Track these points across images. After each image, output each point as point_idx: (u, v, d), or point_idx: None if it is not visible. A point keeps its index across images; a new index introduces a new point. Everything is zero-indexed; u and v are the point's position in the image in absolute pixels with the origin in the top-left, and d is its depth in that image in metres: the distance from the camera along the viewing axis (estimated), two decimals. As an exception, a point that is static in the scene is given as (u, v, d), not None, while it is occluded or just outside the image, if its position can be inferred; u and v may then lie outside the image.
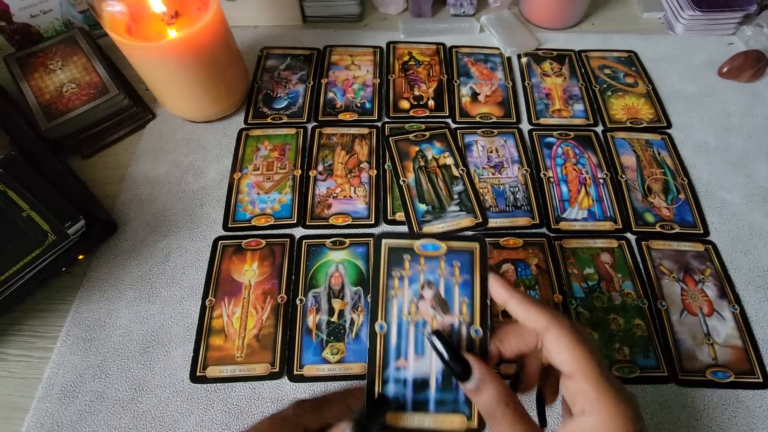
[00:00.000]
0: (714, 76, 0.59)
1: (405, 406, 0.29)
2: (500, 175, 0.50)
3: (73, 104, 0.49)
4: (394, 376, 0.29)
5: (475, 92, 0.57)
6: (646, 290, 0.43)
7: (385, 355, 0.30)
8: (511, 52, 0.61)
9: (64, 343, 0.40)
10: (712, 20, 0.62)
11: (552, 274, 0.43)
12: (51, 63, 0.53)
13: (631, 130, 0.54)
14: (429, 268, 0.31)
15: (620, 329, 0.41)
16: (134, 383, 0.38)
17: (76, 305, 0.42)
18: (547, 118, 0.55)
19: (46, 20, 0.57)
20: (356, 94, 0.56)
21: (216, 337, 0.40)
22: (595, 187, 0.49)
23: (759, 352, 0.40)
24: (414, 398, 0.29)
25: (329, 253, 0.44)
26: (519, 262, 0.44)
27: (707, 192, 0.49)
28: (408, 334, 0.30)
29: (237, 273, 0.43)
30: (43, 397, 0.37)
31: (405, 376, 0.29)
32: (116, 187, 0.49)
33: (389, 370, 0.29)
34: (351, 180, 0.49)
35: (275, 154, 0.51)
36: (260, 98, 0.56)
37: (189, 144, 0.52)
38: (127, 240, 0.45)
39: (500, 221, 0.46)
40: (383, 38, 0.62)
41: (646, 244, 0.45)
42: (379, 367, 0.29)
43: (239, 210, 0.47)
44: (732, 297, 0.42)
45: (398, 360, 0.30)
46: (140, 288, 0.43)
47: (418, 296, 0.31)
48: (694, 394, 0.38)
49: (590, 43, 0.62)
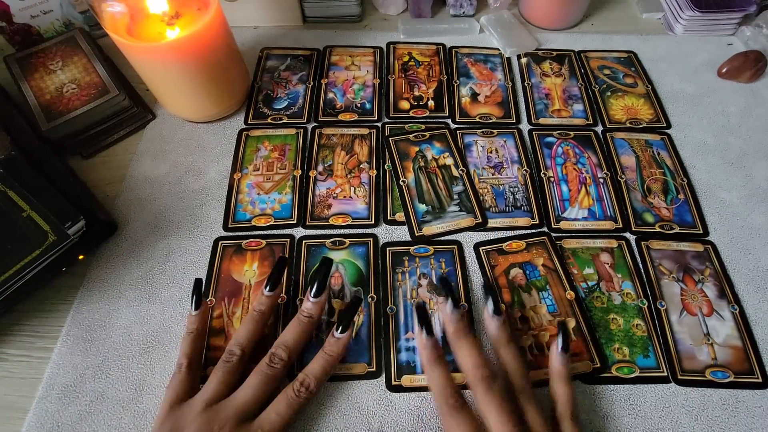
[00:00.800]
0: (713, 76, 0.59)
1: (415, 369, 0.38)
2: (500, 175, 0.50)
3: (74, 105, 0.49)
4: (404, 345, 0.39)
5: (475, 92, 0.57)
6: (646, 290, 0.43)
7: (396, 330, 0.40)
8: (511, 52, 0.61)
9: (64, 343, 0.40)
10: (711, 21, 0.62)
11: (560, 271, 0.43)
12: (51, 63, 0.53)
13: (630, 131, 0.54)
14: (422, 264, 0.44)
15: (620, 329, 0.41)
16: (135, 383, 0.38)
17: (77, 305, 0.42)
18: (547, 118, 0.55)
19: (46, 21, 0.58)
20: (356, 95, 0.56)
21: (216, 337, 0.40)
22: (595, 186, 0.49)
23: (758, 352, 0.40)
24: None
25: (329, 253, 0.44)
26: (526, 264, 0.44)
27: (707, 192, 0.49)
28: (413, 313, 0.41)
29: (237, 273, 0.43)
30: (43, 397, 0.37)
31: (413, 345, 0.39)
32: (116, 187, 0.49)
33: (400, 341, 0.40)
34: (351, 180, 0.49)
35: (275, 154, 0.51)
36: (260, 99, 0.56)
37: (189, 144, 0.52)
38: (128, 240, 0.46)
39: (500, 221, 0.46)
40: (383, 39, 0.62)
41: (645, 244, 0.45)
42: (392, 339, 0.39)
43: (239, 210, 0.47)
44: (731, 297, 0.43)
45: (407, 333, 0.40)
46: (140, 288, 0.43)
47: (417, 284, 0.42)
48: (693, 394, 0.38)
49: (590, 44, 0.63)
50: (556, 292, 0.42)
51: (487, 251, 0.45)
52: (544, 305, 0.42)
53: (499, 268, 0.44)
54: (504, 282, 0.43)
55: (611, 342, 0.40)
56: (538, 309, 0.41)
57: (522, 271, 0.44)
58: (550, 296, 0.42)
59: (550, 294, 0.42)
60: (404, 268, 0.43)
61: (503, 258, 0.44)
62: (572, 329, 0.40)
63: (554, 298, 0.42)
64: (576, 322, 0.41)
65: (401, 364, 0.39)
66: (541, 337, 0.40)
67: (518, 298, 0.42)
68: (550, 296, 0.42)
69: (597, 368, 0.39)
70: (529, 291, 0.42)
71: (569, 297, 0.42)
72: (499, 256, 0.44)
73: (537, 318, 0.41)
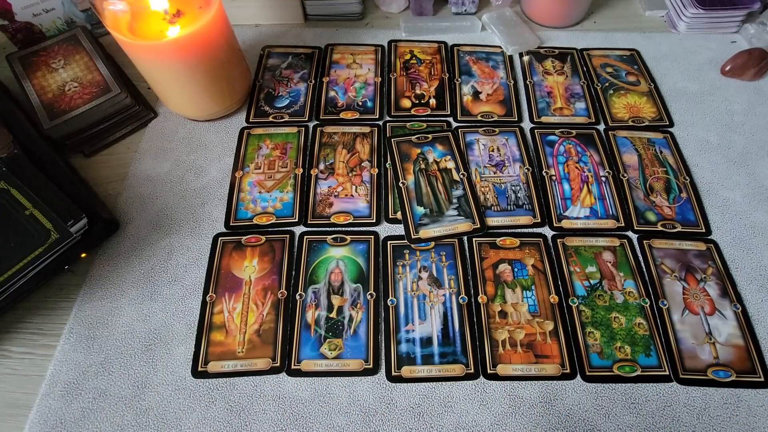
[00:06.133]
0: (717, 74, 0.59)
1: (415, 361, 0.39)
2: (502, 173, 0.50)
3: (76, 103, 0.50)
4: (405, 337, 0.40)
5: (477, 91, 0.57)
6: (648, 289, 0.43)
7: (396, 322, 0.41)
8: (513, 50, 0.61)
9: (67, 340, 0.40)
10: (714, 18, 0.62)
11: (548, 275, 0.43)
12: (53, 62, 0.53)
13: (633, 129, 0.54)
14: (423, 257, 0.44)
15: (622, 328, 0.41)
16: (137, 380, 0.38)
17: (79, 303, 0.42)
18: (549, 116, 0.55)
19: (48, 19, 0.58)
20: (358, 93, 0.56)
21: (217, 332, 0.40)
22: (597, 185, 0.49)
23: (761, 351, 0.40)
24: (422, 353, 0.39)
25: (330, 250, 0.44)
26: (516, 262, 0.44)
27: (709, 191, 0.49)
28: (413, 305, 0.41)
29: (237, 269, 0.43)
30: (46, 395, 0.38)
31: (413, 336, 0.40)
32: (118, 185, 0.49)
33: (401, 333, 0.40)
34: (352, 179, 0.49)
35: (277, 152, 0.51)
36: (262, 97, 0.56)
37: (191, 143, 0.53)
38: (130, 238, 0.46)
39: (502, 220, 0.46)
40: (385, 37, 0.62)
41: (647, 242, 0.45)
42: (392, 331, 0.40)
43: (241, 208, 0.47)
44: (734, 296, 0.42)
45: (407, 325, 0.40)
46: (142, 286, 0.43)
47: (417, 277, 0.43)
48: (695, 393, 0.38)
49: (592, 42, 0.62)
50: (541, 294, 0.42)
51: (480, 243, 0.45)
52: (525, 304, 0.42)
53: (488, 261, 0.44)
54: (490, 275, 0.43)
55: (613, 341, 0.40)
56: (518, 306, 0.42)
57: (510, 268, 0.44)
58: (533, 297, 0.42)
59: (534, 295, 0.42)
60: (405, 261, 0.44)
61: (494, 252, 0.45)
62: (548, 332, 0.40)
63: (537, 299, 0.42)
64: (554, 326, 0.41)
65: (401, 355, 0.39)
66: (516, 334, 0.40)
67: (501, 292, 0.42)
68: (534, 297, 0.42)
69: (566, 373, 0.39)
70: (513, 288, 0.42)
71: (552, 300, 0.42)
72: (490, 250, 0.45)
73: (516, 315, 0.41)
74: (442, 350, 0.40)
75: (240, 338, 0.40)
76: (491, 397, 0.38)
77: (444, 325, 0.41)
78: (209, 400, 0.38)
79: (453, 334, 0.40)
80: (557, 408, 0.37)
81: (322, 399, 0.38)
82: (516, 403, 0.38)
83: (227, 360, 0.39)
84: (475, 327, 0.41)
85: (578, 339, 0.40)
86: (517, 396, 0.38)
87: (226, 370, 0.39)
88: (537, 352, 0.40)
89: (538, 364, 0.39)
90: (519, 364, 0.39)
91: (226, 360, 0.39)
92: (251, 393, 0.38)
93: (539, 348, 0.40)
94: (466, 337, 0.40)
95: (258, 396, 0.38)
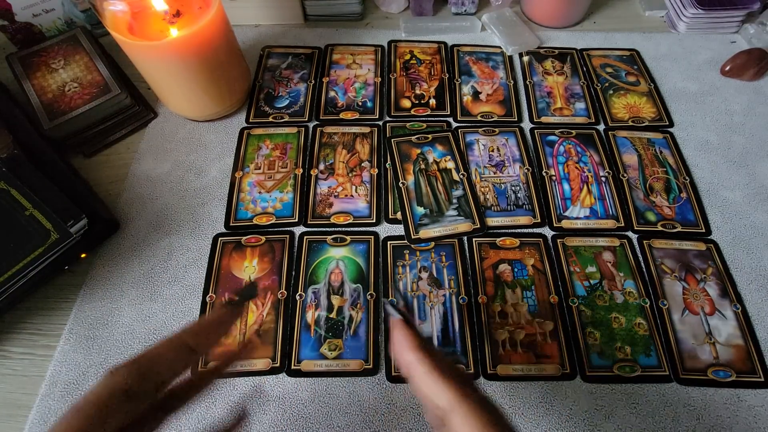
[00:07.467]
0: (716, 74, 0.59)
1: None
2: (501, 174, 0.50)
3: (76, 103, 0.50)
4: None
5: (477, 91, 0.57)
6: (648, 289, 0.43)
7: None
8: (513, 50, 0.61)
9: (67, 341, 0.40)
10: (714, 18, 0.62)
11: (548, 275, 0.43)
12: (53, 62, 0.53)
13: (632, 129, 0.54)
14: (423, 257, 0.44)
15: (622, 328, 0.41)
16: (136, 381, 0.38)
17: (79, 303, 0.42)
18: (549, 116, 0.55)
19: (48, 19, 0.58)
20: (357, 93, 0.56)
21: (217, 335, 0.40)
22: (597, 185, 0.49)
23: (761, 351, 0.40)
24: None
25: (330, 250, 0.44)
26: (516, 262, 0.44)
27: (709, 191, 0.49)
28: (413, 306, 0.41)
29: (237, 269, 0.43)
30: (46, 395, 0.38)
31: None
32: (118, 185, 0.49)
33: None
34: (352, 179, 0.49)
35: (277, 153, 0.51)
36: (262, 97, 0.56)
37: (191, 143, 0.53)
38: (130, 238, 0.46)
39: (502, 220, 0.46)
40: (384, 37, 0.62)
41: (647, 243, 0.45)
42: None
43: (241, 209, 0.47)
44: (734, 296, 0.42)
45: None
46: (142, 286, 0.43)
47: (417, 278, 0.43)
48: (695, 393, 0.38)
49: (592, 42, 0.62)
50: (541, 294, 0.42)
51: (480, 243, 0.45)
52: (525, 304, 0.42)
53: (488, 261, 0.44)
54: (490, 275, 0.43)
55: (613, 341, 0.40)
56: (518, 307, 0.42)
57: (510, 268, 0.44)
58: (533, 297, 0.42)
59: (534, 295, 0.42)
60: (405, 261, 0.44)
61: (494, 252, 0.45)
62: (548, 332, 0.40)
63: (537, 299, 0.42)
64: (554, 326, 0.41)
65: None
66: (516, 334, 0.40)
67: (501, 292, 0.42)
68: (534, 297, 0.42)
69: (566, 374, 0.39)
70: (513, 288, 0.42)
71: (553, 301, 0.42)
72: (490, 250, 0.45)
73: (515, 315, 0.41)
74: (443, 350, 0.40)
75: (240, 338, 0.40)
76: (491, 397, 0.38)
77: (444, 325, 0.41)
78: (209, 401, 0.38)
79: (453, 334, 0.40)
80: (557, 408, 0.37)
81: (322, 399, 0.38)
82: (516, 403, 0.38)
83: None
84: (475, 327, 0.41)
85: (578, 339, 0.40)
86: (517, 396, 0.38)
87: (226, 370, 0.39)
88: (537, 352, 0.40)
89: (538, 365, 0.39)
90: (519, 364, 0.39)
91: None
92: (251, 393, 0.38)
93: (539, 348, 0.40)
94: (466, 338, 0.40)
95: (258, 396, 0.38)
